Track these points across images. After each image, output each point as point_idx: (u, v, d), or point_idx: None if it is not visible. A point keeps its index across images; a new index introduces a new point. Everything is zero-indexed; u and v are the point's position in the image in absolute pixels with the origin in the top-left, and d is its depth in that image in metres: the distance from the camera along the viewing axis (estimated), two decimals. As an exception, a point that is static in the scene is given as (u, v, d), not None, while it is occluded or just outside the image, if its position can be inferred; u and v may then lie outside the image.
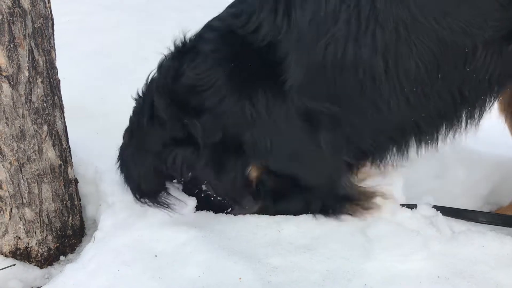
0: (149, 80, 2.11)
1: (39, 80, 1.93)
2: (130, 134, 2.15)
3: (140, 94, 2.16)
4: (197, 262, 1.82)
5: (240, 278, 1.76)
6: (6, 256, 2.04)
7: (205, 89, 1.92)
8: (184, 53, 2.02)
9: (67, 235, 2.18)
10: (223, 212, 2.13)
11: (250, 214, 2.10)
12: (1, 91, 1.82)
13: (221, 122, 1.94)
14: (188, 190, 2.14)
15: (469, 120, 1.98)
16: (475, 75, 1.83)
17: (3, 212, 1.97)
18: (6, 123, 1.86)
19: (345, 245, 1.89)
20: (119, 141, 2.73)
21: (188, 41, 2.05)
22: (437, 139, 2.03)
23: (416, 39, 1.75)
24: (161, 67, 2.08)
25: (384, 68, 1.79)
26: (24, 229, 2.03)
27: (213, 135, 1.97)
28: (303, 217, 2.05)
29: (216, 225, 2.04)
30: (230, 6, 2.03)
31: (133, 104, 2.89)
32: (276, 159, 1.99)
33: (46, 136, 2.00)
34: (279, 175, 2.04)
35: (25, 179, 1.97)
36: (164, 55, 2.10)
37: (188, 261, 1.83)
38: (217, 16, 2.05)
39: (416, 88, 1.83)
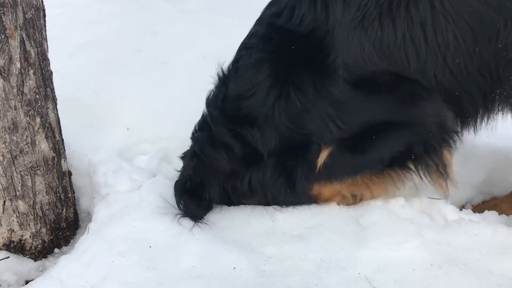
0: (204, 115, 2.18)
1: (31, 71, 1.92)
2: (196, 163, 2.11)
3: (197, 128, 2.21)
4: (191, 252, 1.82)
5: (234, 268, 1.76)
6: (0, 249, 2.04)
7: (250, 90, 1.96)
8: (227, 77, 2.10)
9: (61, 228, 2.18)
10: None
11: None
12: (-7, 83, 1.81)
13: (274, 121, 1.94)
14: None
15: (501, 104, 1.95)
16: (506, 53, 1.81)
17: (-3, 205, 1.97)
18: (-2, 115, 1.85)
19: (339, 234, 1.90)
20: (113, 133, 2.74)
21: (227, 68, 2.12)
22: (475, 121, 2.00)
23: (452, 11, 1.76)
24: (209, 98, 2.15)
25: (423, 37, 1.79)
26: (17, 221, 2.02)
27: (271, 138, 1.97)
28: (297, 208, 2.06)
29: (209, 215, 2.04)
30: (267, 8, 2.07)
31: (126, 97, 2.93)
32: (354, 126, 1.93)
33: (39, 128, 1.99)
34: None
35: (18, 171, 1.96)
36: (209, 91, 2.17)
37: (183, 251, 1.83)
38: (252, 31, 2.09)
39: (458, 60, 1.81)
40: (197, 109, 2.85)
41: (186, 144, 2.62)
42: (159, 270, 1.77)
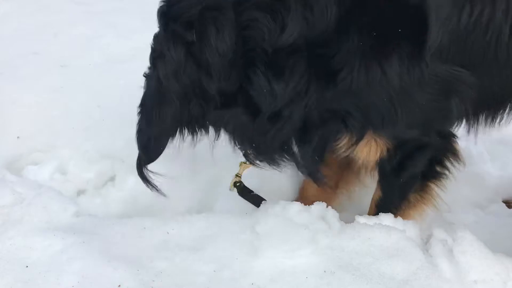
0: None
1: None
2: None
3: None
4: (72, 270, 1.68)
5: (119, 286, 1.65)
6: None
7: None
8: None
9: None
10: None
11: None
12: None
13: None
14: None
15: None
16: None
17: None
18: None
19: (234, 243, 1.84)
20: (0, 142, 2.52)
21: None
22: None
23: None
24: None
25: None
26: None
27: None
28: (194, 217, 1.98)
29: (99, 230, 1.91)
30: None
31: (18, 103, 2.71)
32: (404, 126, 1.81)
33: None
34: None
35: None
36: None
37: (63, 270, 1.69)
38: None
39: None
40: (96, 116, 2.71)
41: (82, 152, 2.47)
42: (36, 292, 1.62)
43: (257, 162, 1.99)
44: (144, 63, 3.12)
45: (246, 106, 1.72)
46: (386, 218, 2.05)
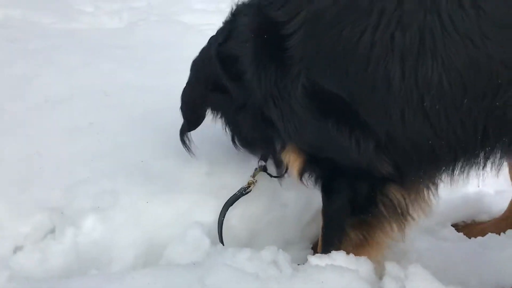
0: None
1: None
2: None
3: None
4: None
5: None
6: None
7: (239, 57, 2.02)
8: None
9: None
10: None
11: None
12: None
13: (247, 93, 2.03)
14: None
15: (487, 161, 1.81)
16: (503, 113, 1.66)
17: None
18: None
19: (182, 299, 1.74)
20: None
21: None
22: (453, 172, 1.84)
23: (443, 51, 1.61)
24: None
25: (400, 72, 1.64)
26: None
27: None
28: (139, 272, 1.87)
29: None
30: None
31: None
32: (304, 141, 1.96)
33: None
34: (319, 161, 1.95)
35: None
36: None
37: None
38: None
39: (438, 106, 1.66)
40: (34, 164, 2.54)
41: (17, 205, 2.29)
42: None
43: (241, 147, 2.37)
44: (85, 102, 3.05)
45: (227, 94, 2.16)
46: (338, 257, 2.00)
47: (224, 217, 2.24)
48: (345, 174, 1.91)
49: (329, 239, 2.06)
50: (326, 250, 2.03)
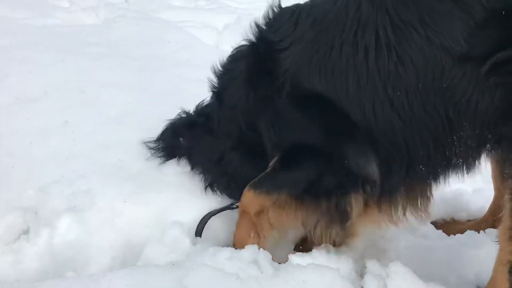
0: None
1: None
2: None
3: None
4: None
5: None
6: None
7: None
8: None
9: None
10: None
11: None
12: None
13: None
14: None
15: (461, 151, 1.88)
16: (452, 93, 1.78)
17: None
18: None
19: (161, 301, 1.70)
20: None
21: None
22: (429, 169, 1.93)
23: (396, 43, 1.79)
24: None
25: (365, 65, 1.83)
26: None
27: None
28: (116, 274, 1.82)
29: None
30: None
31: None
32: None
33: None
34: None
35: None
36: None
37: None
38: None
39: (399, 92, 1.80)
40: (6, 164, 2.46)
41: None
42: None
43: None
44: (60, 100, 2.97)
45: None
46: (319, 255, 2.00)
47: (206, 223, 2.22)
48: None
49: None
50: None
